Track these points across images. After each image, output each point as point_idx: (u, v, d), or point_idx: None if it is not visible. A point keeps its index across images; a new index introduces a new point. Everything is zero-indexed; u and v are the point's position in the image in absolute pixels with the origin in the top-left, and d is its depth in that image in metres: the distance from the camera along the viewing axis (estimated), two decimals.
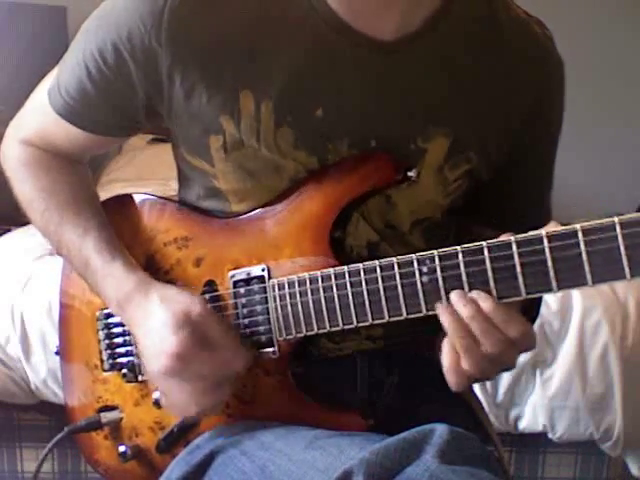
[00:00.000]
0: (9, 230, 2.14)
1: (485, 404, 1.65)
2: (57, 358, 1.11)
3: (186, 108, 0.90)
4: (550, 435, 1.85)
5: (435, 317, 0.83)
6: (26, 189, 1.02)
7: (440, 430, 0.75)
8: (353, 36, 0.87)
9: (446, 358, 0.81)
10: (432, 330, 1.02)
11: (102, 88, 0.93)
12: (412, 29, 0.87)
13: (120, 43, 0.88)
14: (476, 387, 1.70)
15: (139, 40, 0.87)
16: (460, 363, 0.80)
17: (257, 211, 0.93)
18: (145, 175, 2.61)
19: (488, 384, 1.80)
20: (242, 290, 0.92)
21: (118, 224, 1.01)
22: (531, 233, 0.76)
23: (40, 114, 1.00)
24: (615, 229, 0.71)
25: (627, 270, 0.72)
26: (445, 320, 0.79)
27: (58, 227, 0.99)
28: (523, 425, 1.85)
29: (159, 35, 0.86)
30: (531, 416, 1.83)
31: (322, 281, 0.86)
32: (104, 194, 1.08)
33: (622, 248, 0.71)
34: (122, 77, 0.90)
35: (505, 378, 1.80)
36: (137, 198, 1.03)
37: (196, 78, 0.88)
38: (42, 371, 1.83)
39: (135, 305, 0.91)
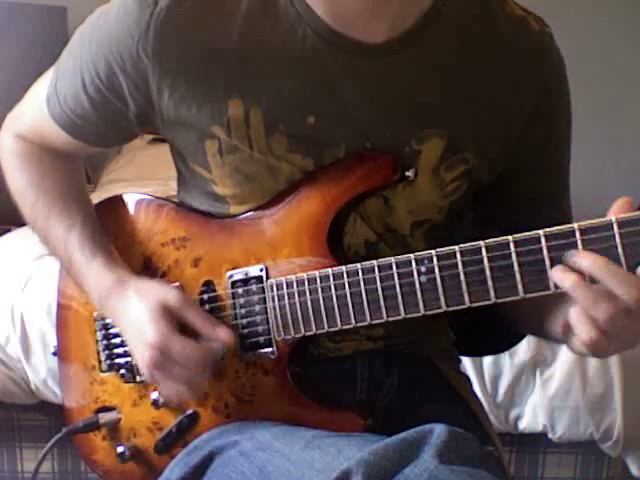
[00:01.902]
0: (9, 230, 2.14)
1: (485, 404, 1.64)
2: (56, 358, 1.11)
3: (178, 118, 0.90)
4: (550, 435, 1.84)
5: (435, 317, 0.83)
6: (17, 182, 1.04)
7: (439, 430, 0.75)
8: (342, 42, 0.86)
9: (581, 329, 0.74)
10: (431, 330, 1.03)
11: (97, 102, 0.94)
12: (402, 31, 0.87)
13: (111, 56, 0.89)
14: (476, 387, 1.71)
15: (128, 52, 0.88)
16: (596, 331, 0.73)
17: (255, 212, 0.93)
18: (145, 175, 2.61)
19: (488, 384, 1.80)
20: (240, 290, 0.92)
21: (115, 225, 1.02)
22: (529, 232, 0.76)
23: (37, 114, 1.01)
24: (612, 228, 0.72)
25: (625, 269, 0.72)
26: (571, 285, 0.73)
27: (45, 221, 1.01)
28: (523, 425, 1.84)
29: (146, 47, 0.87)
30: (531, 416, 1.83)
31: (320, 281, 0.86)
32: (104, 194, 1.08)
33: (619, 247, 0.72)
34: (114, 91, 0.91)
35: (505, 378, 1.80)
36: (134, 199, 1.03)
37: (185, 89, 0.88)
38: (42, 371, 1.82)
39: (114, 301, 0.93)
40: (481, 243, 0.78)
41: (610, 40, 3.35)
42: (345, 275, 0.85)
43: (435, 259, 0.80)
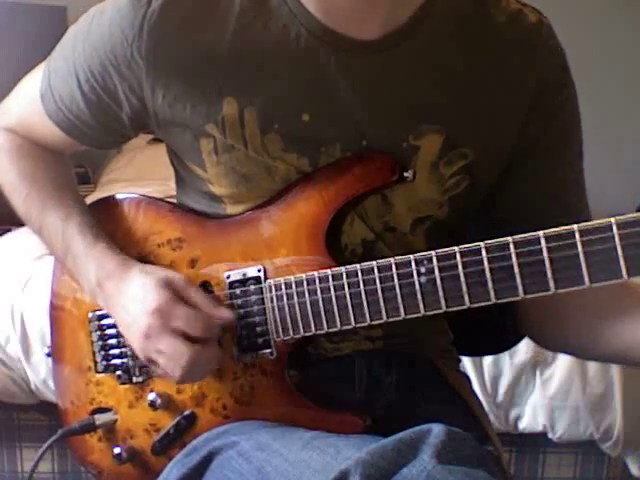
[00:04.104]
0: (9, 230, 2.15)
1: (485, 404, 1.64)
2: (50, 359, 1.11)
3: (172, 118, 0.90)
4: (550, 435, 1.84)
5: (434, 317, 0.83)
6: (8, 175, 1.04)
7: (437, 430, 0.74)
8: (336, 39, 0.87)
9: None
10: (431, 330, 1.03)
11: (92, 102, 0.94)
12: (396, 26, 0.87)
13: (105, 57, 0.90)
14: (476, 387, 1.71)
15: (122, 54, 0.88)
16: None
17: (252, 212, 0.93)
18: (145, 175, 2.62)
19: (488, 384, 1.80)
20: (238, 291, 0.92)
21: (109, 225, 1.01)
22: (529, 234, 0.76)
23: (29, 110, 1.01)
24: (612, 229, 0.72)
25: (624, 270, 0.73)
26: None
27: (40, 212, 1.01)
28: (523, 425, 1.84)
29: (140, 48, 0.87)
30: (531, 416, 1.83)
31: (319, 282, 0.86)
32: (104, 194, 1.08)
33: (619, 248, 0.72)
34: (108, 91, 0.92)
35: (505, 378, 1.80)
36: (128, 198, 1.03)
37: (179, 90, 0.88)
38: (42, 371, 1.83)
39: (115, 281, 0.93)
40: (481, 244, 0.78)
41: (610, 40, 3.35)
42: (344, 276, 0.85)
43: (435, 260, 0.80)
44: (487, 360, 1.78)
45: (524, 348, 1.76)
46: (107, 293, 0.94)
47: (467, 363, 1.72)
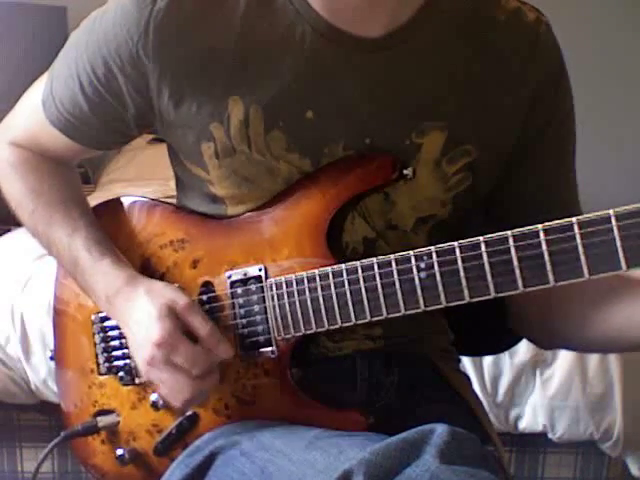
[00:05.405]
0: (9, 230, 2.14)
1: (485, 404, 1.64)
2: (53, 363, 1.10)
3: (177, 118, 0.90)
4: (550, 435, 1.85)
5: (434, 316, 0.83)
6: (15, 190, 1.04)
7: (440, 430, 0.74)
8: (341, 38, 0.87)
9: None
10: (431, 330, 1.03)
11: (95, 103, 0.94)
12: (400, 24, 0.88)
13: (109, 57, 0.90)
14: (476, 387, 1.71)
15: (127, 53, 0.88)
16: None
17: (254, 212, 0.93)
18: (145, 175, 2.62)
19: (488, 384, 1.80)
20: (239, 290, 0.92)
21: (112, 228, 1.02)
22: (527, 227, 0.77)
23: (32, 119, 1.01)
24: (610, 221, 0.73)
25: (623, 262, 0.73)
26: None
27: (47, 227, 1.00)
28: (523, 425, 1.85)
29: (146, 47, 0.87)
30: (531, 416, 1.83)
31: (320, 279, 0.86)
32: (104, 194, 1.09)
33: (618, 240, 0.72)
34: (113, 92, 0.92)
35: (505, 378, 1.80)
36: (131, 201, 1.03)
37: (185, 89, 0.88)
38: (42, 371, 1.83)
39: (123, 299, 0.93)
40: (480, 238, 0.79)
41: (610, 40, 3.35)
42: (345, 273, 0.85)
43: (434, 255, 0.81)
44: (487, 360, 1.78)
45: (524, 348, 1.76)
46: (116, 310, 0.95)
47: (467, 363, 1.72)
